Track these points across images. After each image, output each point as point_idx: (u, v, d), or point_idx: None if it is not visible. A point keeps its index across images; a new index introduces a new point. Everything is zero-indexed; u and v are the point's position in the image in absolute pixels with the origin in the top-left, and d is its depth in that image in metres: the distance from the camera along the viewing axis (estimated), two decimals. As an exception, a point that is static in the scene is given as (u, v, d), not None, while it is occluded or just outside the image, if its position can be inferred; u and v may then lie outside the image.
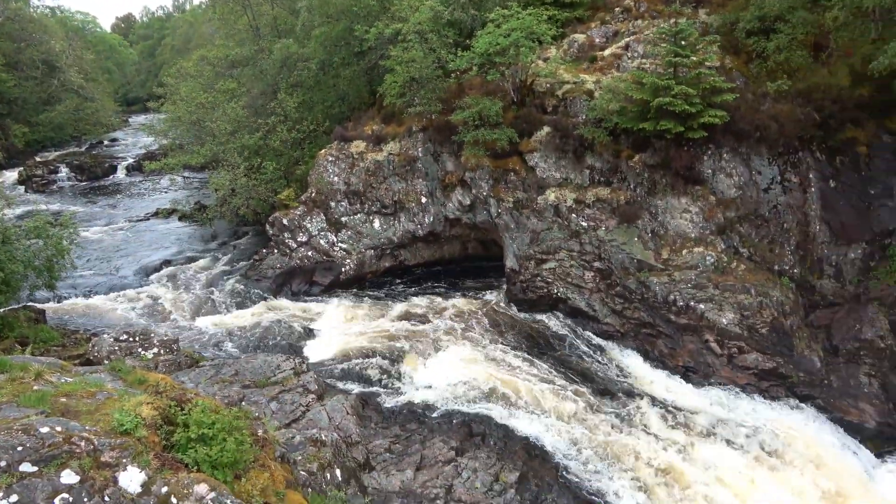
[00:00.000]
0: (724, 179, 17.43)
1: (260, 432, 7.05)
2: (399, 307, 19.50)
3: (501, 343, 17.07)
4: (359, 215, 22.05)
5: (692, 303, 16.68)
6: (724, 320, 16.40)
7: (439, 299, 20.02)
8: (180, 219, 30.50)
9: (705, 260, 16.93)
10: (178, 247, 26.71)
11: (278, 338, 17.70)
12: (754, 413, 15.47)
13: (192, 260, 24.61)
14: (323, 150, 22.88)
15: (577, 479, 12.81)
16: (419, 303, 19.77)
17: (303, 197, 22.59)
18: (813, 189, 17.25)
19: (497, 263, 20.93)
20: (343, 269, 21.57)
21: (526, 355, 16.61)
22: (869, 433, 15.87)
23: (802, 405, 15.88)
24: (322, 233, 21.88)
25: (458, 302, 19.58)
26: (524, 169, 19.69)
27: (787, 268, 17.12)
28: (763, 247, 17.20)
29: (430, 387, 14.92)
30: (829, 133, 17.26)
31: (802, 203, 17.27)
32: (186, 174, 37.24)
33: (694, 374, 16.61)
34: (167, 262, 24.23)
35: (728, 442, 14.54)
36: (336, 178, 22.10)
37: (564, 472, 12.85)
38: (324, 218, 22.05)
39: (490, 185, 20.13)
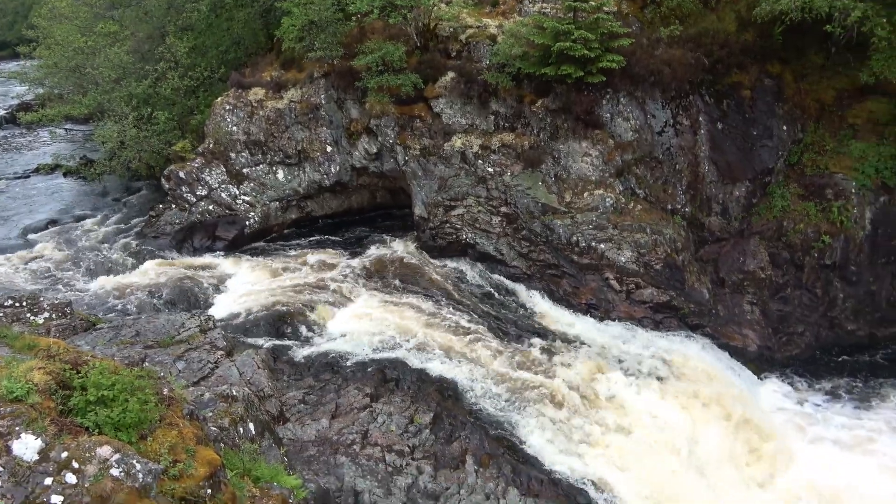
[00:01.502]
0: (622, 123, 18.04)
1: (165, 391, 6.84)
2: (308, 259, 19.21)
3: (412, 290, 17.24)
4: (261, 166, 21.30)
5: (593, 243, 17.41)
6: (622, 258, 17.25)
7: (349, 249, 19.89)
8: (65, 175, 28.36)
9: (605, 202, 17.63)
10: (65, 205, 24.94)
11: (182, 296, 17.07)
12: (651, 344, 16.55)
13: (81, 219, 23.09)
14: (219, 99, 21.75)
15: (488, 416, 13.35)
16: (329, 254, 19.56)
17: (200, 148, 21.51)
18: (702, 131, 18.18)
19: (406, 212, 20.94)
20: (247, 223, 20.91)
21: (437, 301, 16.88)
22: (751, 356, 17.39)
23: (693, 334, 17.13)
24: (223, 185, 21.01)
25: (369, 251, 19.53)
26: (430, 115, 19.57)
27: (679, 206, 18.12)
28: (657, 187, 18.08)
29: (343, 336, 14.95)
30: (717, 77, 18.14)
31: (693, 145, 18.19)
32: (68, 126, 34.42)
33: (596, 310, 17.49)
34: (53, 222, 22.63)
35: (627, 371, 15.52)
36: (235, 128, 21.15)
37: (477, 410, 13.35)
38: (224, 170, 21.15)
39: (396, 133, 19.92)
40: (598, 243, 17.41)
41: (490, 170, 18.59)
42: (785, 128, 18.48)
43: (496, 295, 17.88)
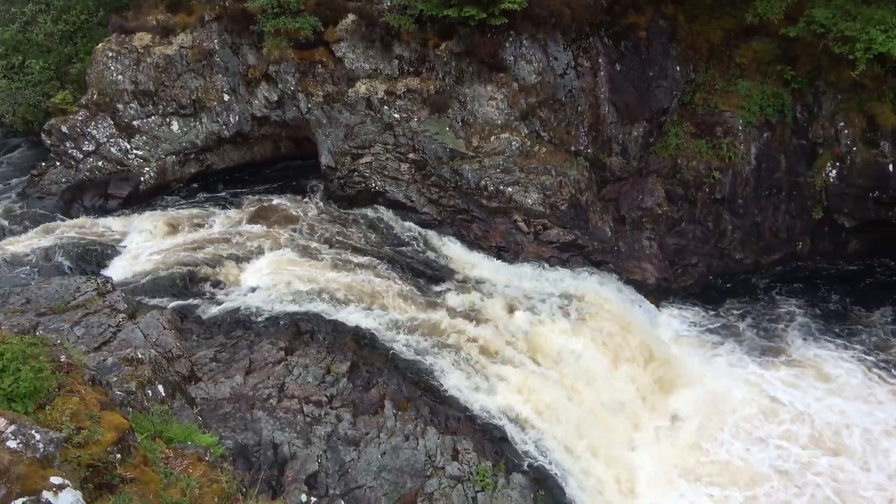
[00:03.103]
0: (525, 66, 18.15)
1: (63, 358, 6.52)
2: (212, 214, 18.44)
3: (323, 241, 16.99)
4: (153, 118, 20.02)
5: (501, 186, 17.68)
6: (529, 201, 17.65)
7: (255, 203, 19.18)
8: (-73, 133, 25.64)
9: (511, 145, 17.85)
10: (-70, 166, 22.64)
11: (75, 260, 16.01)
12: (558, 281, 17.22)
13: (-50, 181, 21.08)
14: (100, 45, 20.08)
15: (406, 361, 13.54)
16: (233, 208, 18.81)
17: (83, 100, 19.92)
18: (602, 73, 18.60)
19: (313, 162, 20.41)
20: (142, 179, 19.74)
21: (348, 251, 16.74)
22: (650, 288, 18.47)
23: (597, 270, 17.93)
24: (112, 140, 19.65)
25: (275, 204, 18.94)
26: (332, 60, 18.93)
27: (581, 148, 18.62)
28: (561, 130, 18.47)
29: (253, 292, 14.59)
30: (615, 18, 18.52)
31: (593, 86, 18.60)
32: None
33: (506, 252, 17.92)
34: (-83, 186, 20.55)
35: (537, 309, 16.10)
36: (121, 77, 19.67)
37: (393, 356, 13.50)
38: (112, 123, 19.73)
39: (297, 79, 19.18)
40: (506, 187, 17.69)
41: (396, 116, 18.34)
42: (678, 68, 19.21)
43: (408, 242, 17.92)
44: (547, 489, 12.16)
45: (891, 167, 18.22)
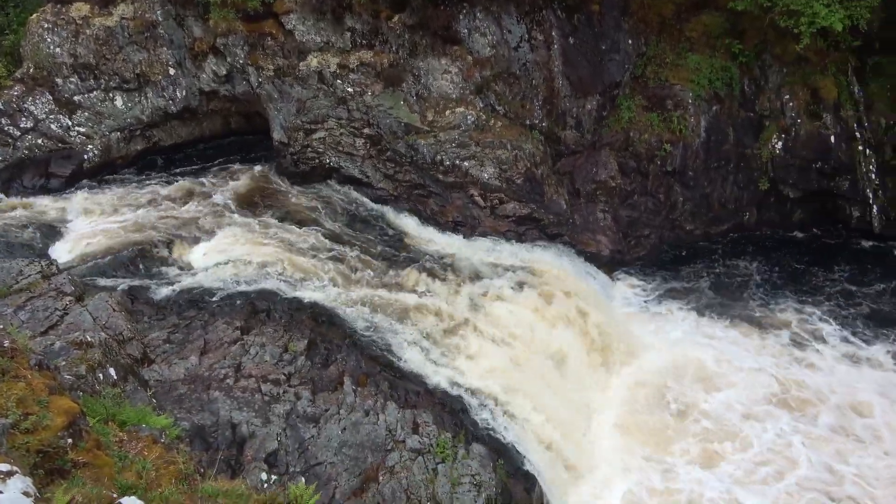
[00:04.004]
0: (480, 39, 18.03)
1: (6, 343, 6.30)
2: (161, 193, 17.92)
3: (277, 218, 16.73)
4: (95, 93, 19.22)
5: (457, 161, 17.65)
6: (485, 175, 17.68)
7: (205, 180, 18.72)
8: None
9: (467, 119, 17.79)
10: None
11: (15, 242, 15.40)
12: (515, 255, 17.40)
13: None
14: (35, 15, 19.11)
15: (365, 338, 13.53)
16: (183, 186, 18.32)
17: (17, 74, 18.97)
18: (555, 46, 18.59)
19: (264, 137, 19.97)
20: (86, 157, 18.99)
21: (303, 228, 16.53)
22: (605, 260, 18.80)
23: (553, 243, 18.15)
24: (52, 116, 18.80)
25: (227, 181, 18.54)
26: (282, 33, 18.45)
27: (536, 122, 18.67)
28: (516, 103, 18.47)
29: (206, 271, 14.30)
30: (568, -9, 18.48)
31: (547, 60, 18.60)
32: None
33: (463, 227, 17.97)
34: None
35: (495, 284, 16.23)
36: (58, 50, 18.78)
37: (352, 334, 13.48)
38: (51, 98, 18.87)
39: (246, 52, 18.65)
40: (462, 161, 17.67)
41: (350, 90, 18.04)
42: (630, 41, 19.36)
43: (364, 218, 17.80)
44: (506, 458, 12.40)
45: (832, 139, 18.84)
